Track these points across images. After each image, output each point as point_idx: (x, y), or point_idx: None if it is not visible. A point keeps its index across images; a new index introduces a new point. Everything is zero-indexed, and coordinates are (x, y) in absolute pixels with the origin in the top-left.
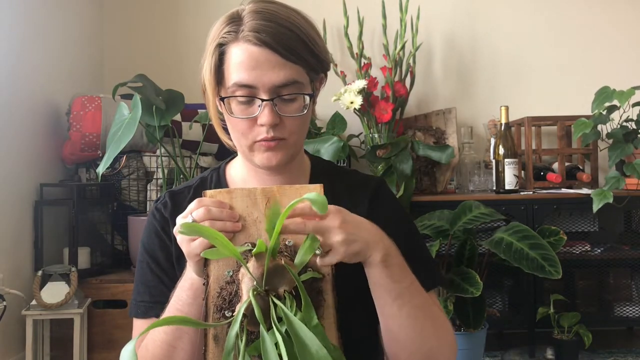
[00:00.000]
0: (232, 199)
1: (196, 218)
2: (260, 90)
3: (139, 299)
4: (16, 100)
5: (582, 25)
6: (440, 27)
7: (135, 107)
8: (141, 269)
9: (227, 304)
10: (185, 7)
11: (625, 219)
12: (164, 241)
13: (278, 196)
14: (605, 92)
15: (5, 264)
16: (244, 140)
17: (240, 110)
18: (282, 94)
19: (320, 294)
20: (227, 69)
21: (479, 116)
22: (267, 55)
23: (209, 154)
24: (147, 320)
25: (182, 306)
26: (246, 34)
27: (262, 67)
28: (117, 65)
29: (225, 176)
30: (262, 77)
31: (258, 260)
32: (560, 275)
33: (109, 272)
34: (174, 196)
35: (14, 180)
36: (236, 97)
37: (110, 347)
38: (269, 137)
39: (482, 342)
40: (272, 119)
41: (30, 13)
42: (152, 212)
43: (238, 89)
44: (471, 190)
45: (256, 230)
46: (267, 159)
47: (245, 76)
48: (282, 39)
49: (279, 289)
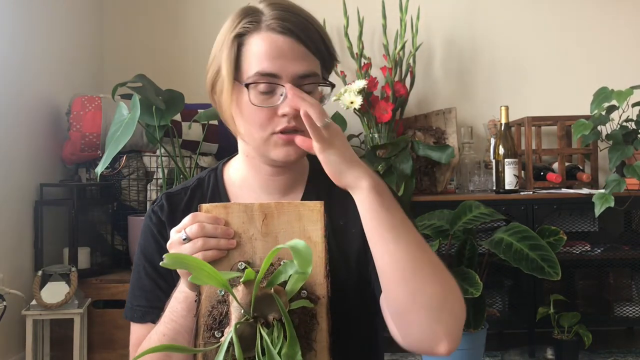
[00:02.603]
0: (228, 214)
1: (189, 234)
2: (283, 79)
3: (135, 303)
4: (16, 100)
5: (582, 25)
6: (440, 27)
7: (134, 107)
8: (137, 273)
9: (217, 324)
10: (185, 8)
11: (625, 219)
12: (161, 244)
13: (276, 213)
14: (603, 92)
15: (5, 264)
16: (262, 133)
17: (261, 101)
18: (303, 84)
19: (314, 318)
20: (246, 60)
21: (479, 116)
22: (291, 44)
23: (209, 154)
24: (143, 325)
25: (177, 318)
26: (270, 22)
27: (286, 57)
28: (117, 65)
29: (222, 177)
30: (286, 67)
31: (247, 286)
32: (559, 276)
33: (109, 272)
34: (171, 198)
35: (14, 180)
36: (259, 83)
37: (110, 347)
38: (290, 127)
39: (482, 342)
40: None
41: (31, 13)
42: (149, 214)
43: (260, 77)
44: (471, 190)
45: (251, 247)
46: (286, 154)
47: (269, 65)
48: (305, 29)
49: (268, 316)
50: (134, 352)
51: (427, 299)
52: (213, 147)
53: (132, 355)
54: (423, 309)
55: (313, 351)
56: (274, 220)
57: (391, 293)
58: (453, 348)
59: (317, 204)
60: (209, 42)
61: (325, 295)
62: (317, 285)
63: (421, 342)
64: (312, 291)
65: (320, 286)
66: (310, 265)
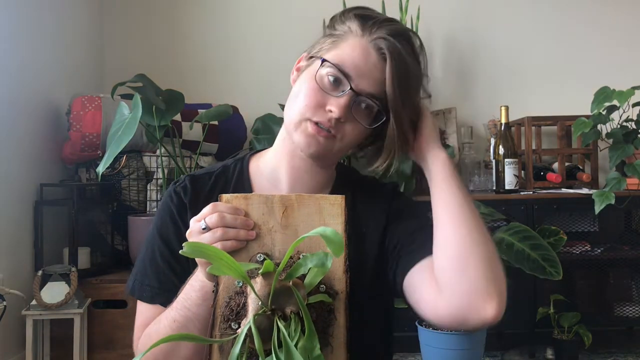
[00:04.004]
0: (248, 205)
1: (209, 224)
2: (352, 82)
3: (145, 281)
4: (16, 100)
5: (582, 25)
6: (440, 27)
7: (135, 107)
8: (152, 252)
9: (234, 315)
10: (185, 8)
11: (625, 219)
12: (179, 227)
13: (296, 205)
14: (604, 92)
15: (6, 264)
16: (302, 111)
17: (323, 83)
18: (364, 100)
19: (332, 313)
20: (338, 48)
21: (479, 116)
22: (379, 67)
23: (209, 154)
24: (152, 306)
25: (191, 305)
26: (378, 40)
27: (369, 72)
28: (117, 65)
29: (248, 167)
30: (362, 77)
31: (266, 278)
32: (560, 276)
33: (109, 272)
34: (195, 181)
35: (14, 180)
36: (334, 67)
37: (111, 347)
38: (326, 125)
39: (482, 342)
40: (344, 111)
41: (31, 13)
42: (170, 194)
43: (337, 68)
44: (471, 190)
45: (270, 239)
46: (307, 143)
47: (351, 67)
48: (403, 75)
49: (286, 309)
50: (139, 332)
51: (484, 250)
52: (213, 147)
53: (136, 335)
54: (480, 257)
55: (330, 347)
56: (294, 212)
57: (451, 236)
58: (501, 312)
59: (338, 197)
60: (208, 42)
61: (343, 290)
62: (336, 280)
63: (472, 295)
64: (330, 286)
65: (339, 281)
66: (342, 250)
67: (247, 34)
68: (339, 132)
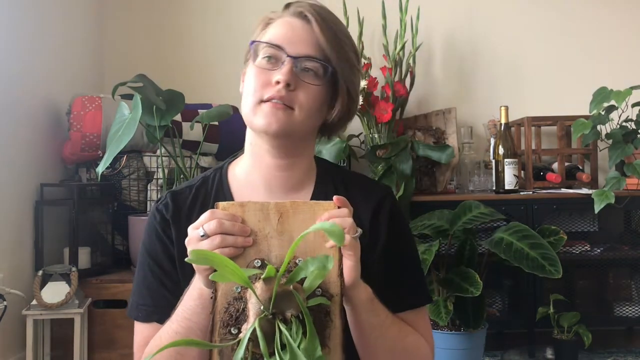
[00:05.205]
0: (244, 213)
1: (208, 231)
2: (286, 51)
3: (140, 302)
4: (16, 100)
5: (581, 25)
6: (440, 27)
7: (135, 107)
8: (142, 271)
9: (234, 320)
10: (185, 7)
11: (625, 219)
12: (166, 244)
13: (291, 212)
14: (603, 92)
15: (6, 263)
16: (254, 97)
17: (265, 64)
18: (304, 61)
19: (328, 316)
20: (265, 36)
21: (479, 116)
22: (306, 28)
23: (209, 154)
24: (148, 325)
25: (191, 315)
26: (296, 9)
27: (297, 36)
28: (117, 65)
29: (227, 176)
30: (294, 43)
31: (266, 283)
32: (560, 274)
33: (110, 272)
34: (175, 196)
35: (14, 180)
36: (262, 43)
37: (111, 347)
38: (278, 96)
39: (482, 342)
40: (288, 75)
41: (31, 13)
42: (153, 212)
43: (266, 45)
44: (471, 190)
45: (267, 245)
46: (268, 123)
47: (276, 38)
48: (326, 21)
49: (286, 312)
50: (139, 352)
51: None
52: (213, 147)
53: (136, 356)
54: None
55: (327, 348)
56: (289, 219)
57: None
58: None
59: (331, 203)
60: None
61: (338, 293)
62: (331, 284)
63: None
64: (326, 289)
65: (333, 284)
66: (344, 239)
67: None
68: (293, 102)
